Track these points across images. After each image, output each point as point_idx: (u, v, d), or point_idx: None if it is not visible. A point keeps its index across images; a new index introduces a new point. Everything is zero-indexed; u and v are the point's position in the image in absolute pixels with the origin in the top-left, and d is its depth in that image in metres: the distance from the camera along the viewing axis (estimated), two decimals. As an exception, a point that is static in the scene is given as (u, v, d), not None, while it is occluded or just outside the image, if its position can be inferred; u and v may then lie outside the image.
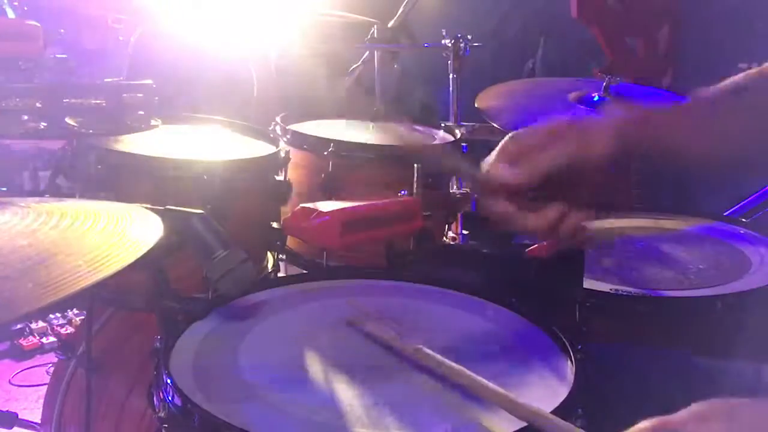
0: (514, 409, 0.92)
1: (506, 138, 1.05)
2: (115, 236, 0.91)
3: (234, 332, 1.13)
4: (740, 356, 1.24)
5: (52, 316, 3.22)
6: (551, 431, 0.88)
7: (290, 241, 1.77)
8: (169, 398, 0.96)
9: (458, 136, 1.96)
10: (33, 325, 3.15)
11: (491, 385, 0.96)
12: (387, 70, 2.69)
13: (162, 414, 0.97)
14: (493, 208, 1.04)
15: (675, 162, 1.11)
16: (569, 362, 1.07)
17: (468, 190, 1.87)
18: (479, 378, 0.97)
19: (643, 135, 1.04)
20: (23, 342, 3.08)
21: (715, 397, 0.83)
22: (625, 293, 1.45)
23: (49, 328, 3.16)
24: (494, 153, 1.04)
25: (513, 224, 1.03)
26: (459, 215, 2.06)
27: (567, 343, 1.10)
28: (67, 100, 1.35)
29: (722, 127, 1.09)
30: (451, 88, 2.37)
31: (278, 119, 1.93)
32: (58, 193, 1.58)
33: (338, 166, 1.77)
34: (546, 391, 1.00)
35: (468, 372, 0.99)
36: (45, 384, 1.84)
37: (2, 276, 0.76)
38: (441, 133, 2.05)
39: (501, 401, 0.94)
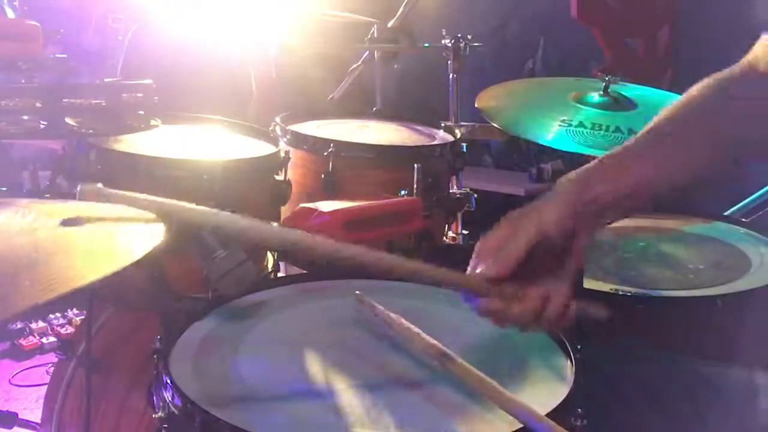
0: (512, 408, 0.92)
1: (477, 243, 1.10)
2: (115, 236, 0.91)
3: (234, 332, 1.13)
4: (740, 356, 1.24)
5: (52, 316, 3.21)
6: None
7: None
8: (169, 398, 0.96)
9: (458, 136, 1.96)
10: (33, 325, 3.15)
11: (493, 383, 0.96)
12: (387, 70, 2.69)
13: (162, 414, 0.97)
14: (487, 307, 1.07)
15: (645, 201, 1.14)
16: (569, 362, 1.07)
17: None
18: (482, 375, 0.97)
19: (594, 198, 1.08)
20: (23, 342, 3.08)
21: (715, 398, 0.83)
22: (625, 293, 1.45)
23: (49, 328, 3.16)
24: (471, 261, 1.09)
25: (506, 319, 1.07)
26: (459, 215, 2.06)
27: (567, 343, 1.10)
28: (67, 100, 1.35)
29: (682, 150, 1.12)
30: (451, 88, 2.37)
31: (278, 119, 1.93)
32: (58, 193, 1.57)
33: (338, 166, 1.77)
34: (546, 391, 1.00)
35: (472, 368, 0.99)
36: (45, 384, 1.84)
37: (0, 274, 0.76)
38: (441, 133, 2.05)
39: (501, 401, 0.94)
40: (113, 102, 1.41)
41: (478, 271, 1.06)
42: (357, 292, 1.20)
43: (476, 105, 2.12)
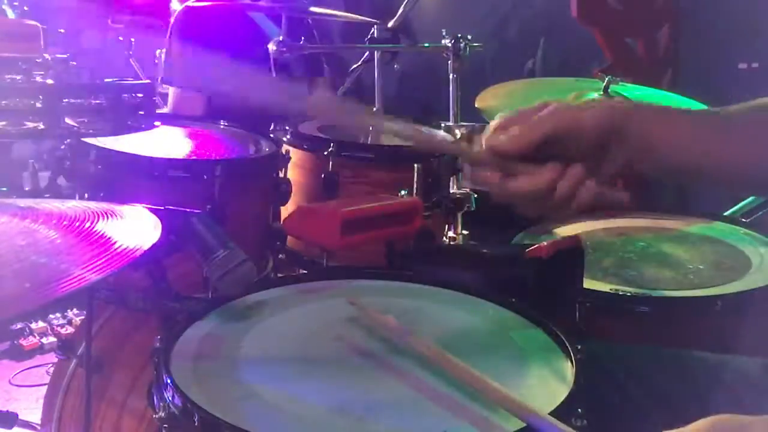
0: (515, 408, 0.92)
1: (500, 114, 1.07)
2: (115, 236, 0.91)
3: (234, 332, 1.13)
4: (740, 356, 1.24)
5: (52, 316, 3.21)
6: None
7: (290, 241, 1.77)
8: (169, 398, 0.96)
9: (458, 136, 1.96)
10: (33, 325, 3.15)
11: (494, 383, 0.96)
12: (387, 70, 2.69)
13: (162, 414, 0.96)
14: (489, 179, 1.05)
15: (665, 168, 1.12)
16: (569, 362, 1.07)
17: (467, 184, 1.87)
18: (482, 376, 0.97)
19: (636, 126, 1.05)
20: (23, 342, 3.08)
21: (715, 397, 0.83)
22: (625, 293, 1.45)
23: (49, 328, 3.16)
24: (490, 127, 1.06)
25: (510, 191, 1.04)
26: (459, 215, 2.06)
27: (567, 343, 1.10)
28: (67, 100, 1.35)
29: (733, 142, 1.10)
30: (451, 88, 2.37)
31: (278, 119, 1.93)
32: (58, 193, 1.58)
33: (338, 166, 1.77)
34: (546, 391, 1.00)
35: (471, 369, 0.99)
36: (45, 384, 1.84)
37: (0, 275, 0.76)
38: (441, 133, 2.05)
39: (503, 401, 0.94)
40: (113, 102, 1.42)
41: (489, 141, 1.03)
42: (351, 302, 1.19)
43: (476, 105, 2.13)
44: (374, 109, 2.47)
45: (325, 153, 1.77)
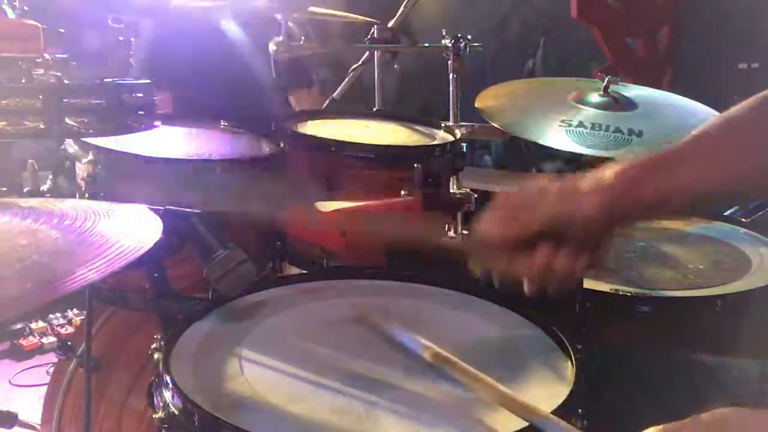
0: (516, 408, 0.92)
1: (497, 199, 1.11)
2: (115, 236, 0.91)
3: (234, 332, 1.13)
4: (740, 356, 1.24)
5: (52, 316, 3.22)
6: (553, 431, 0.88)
7: (290, 241, 1.77)
8: (169, 398, 0.96)
9: (458, 136, 1.96)
10: (33, 325, 3.15)
11: (494, 383, 0.96)
12: (387, 70, 2.69)
13: (162, 414, 0.97)
14: (488, 263, 1.10)
15: (681, 207, 1.15)
16: (569, 362, 1.07)
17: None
18: (482, 375, 0.97)
19: (633, 196, 1.08)
20: (23, 342, 3.08)
21: (715, 397, 0.83)
22: (625, 293, 1.45)
23: (49, 328, 3.16)
24: (487, 214, 1.09)
25: (509, 276, 1.09)
26: (459, 215, 2.06)
27: (567, 343, 1.10)
28: (67, 100, 1.35)
29: (727, 162, 1.11)
30: (451, 88, 2.37)
31: (278, 119, 1.93)
32: (58, 193, 1.58)
33: (338, 166, 1.77)
34: (546, 391, 1.00)
35: (471, 368, 0.99)
36: (45, 384, 1.83)
37: (1, 276, 0.76)
38: (441, 133, 2.05)
39: (503, 401, 0.94)
40: (113, 102, 1.41)
41: (493, 230, 1.07)
42: (355, 309, 1.19)
43: (476, 105, 2.12)
44: (374, 109, 2.47)
45: (325, 153, 1.77)
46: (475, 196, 1.95)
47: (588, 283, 1.41)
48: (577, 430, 0.88)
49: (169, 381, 0.97)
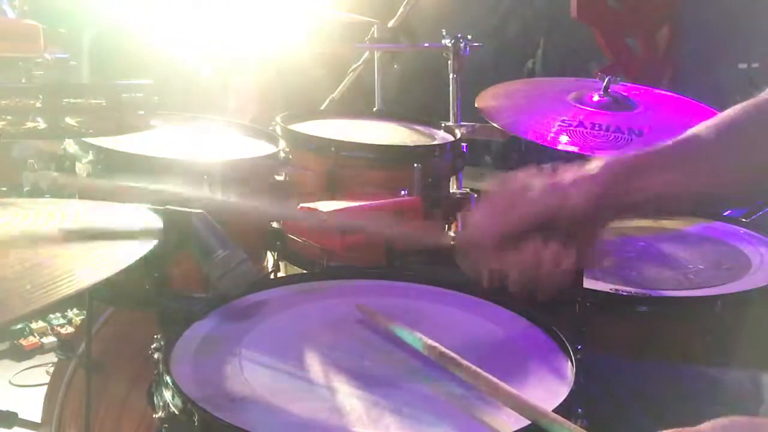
0: (518, 407, 0.92)
1: (486, 193, 1.11)
2: (115, 236, 0.91)
3: (234, 332, 1.13)
4: (740, 356, 1.24)
5: (52, 316, 3.21)
6: (556, 430, 0.88)
7: (290, 241, 1.77)
8: (169, 398, 0.96)
9: (458, 136, 1.96)
10: (33, 325, 3.15)
11: (496, 381, 0.96)
12: (387, 70, 2.69)
13: (162, 414, 0.97)
14: (477, 261, 1.10)
15: (668, 207, 1.15)
16: (569, 362, 1.07)
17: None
18: (484, 373, 0.97)
19: (618, 192, 1.08)
20: (23, 342, 3.08)
21: (715, 396, 0.83)
22: (625, 293, 1.45)
23: (49, 328, 3.16)
24: (475, 208, 1.10)
25: (498, 273, 1.09)
26: (459, 215, 2.06)
27: (567, 343, 1.10)
28: (67, 100, 1.35)
29: (713, 166, 1.11)
30: (451, 88, 2.37)
31: (278, 119, 1.93)
32: (58, 193, 1.57)
33: (338, 166, 1.77)
34: (546, 391, 1.00)
35: (474, 367, 0.99)
36: (45, 384, 1.83)
37: (0, 276, 0.76)
38: (441, 133, 2.05)
39: (506, 399, 0.94)
40: (113, 102, 1.41)
41: (482, 225, 1.07)
42: (356, 304, 1.19)
43: (476, 105, 2.12)
44: (374, 109, 2.47)
45: (325, 153, 1.77)
46: (475, 196, 1.96)
47: (588, 283, 1.41)
48: (580, 429, 0.88)
49: (169, 381, 0.97)
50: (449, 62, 2.36)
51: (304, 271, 1.73)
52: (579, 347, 1.08)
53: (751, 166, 1.12)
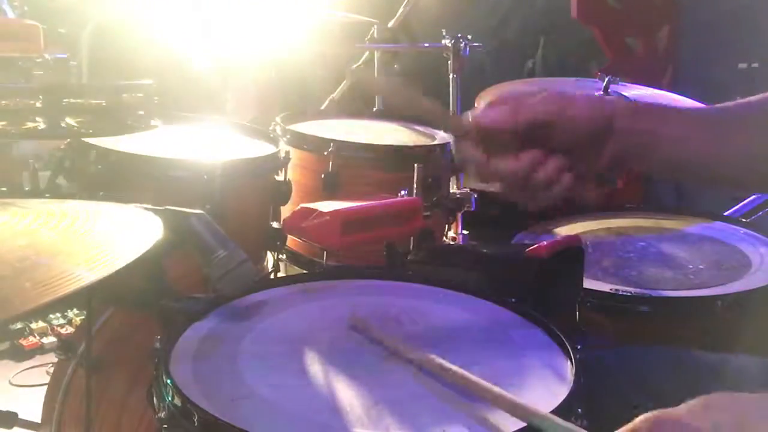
0: (514, 409, 0.92)
1: (495, 87, 1.09)
2: (115, 236, 0.91)
3: (234, 332, 1.13)
4: (740, 356, 1.24)
5: (52, 316, 3.21)
6: (552, 431, 0.88)
7: (290, 241, 1.77)
8: (169, 398, 0.96)
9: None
10: (33, 325, 3.15)
11: (491, 386, 0.96)
12: (387, 70, 2.69)
13: (162, 414, 0.96)
14: (470, 155, 1.06)
15: (669, 167, 1.12)
16: (569, 362, 1.07)
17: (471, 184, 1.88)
18: (479, 380, 0.97)
19: (628, 123, 1.05)
20: (23, 342, 3.08)
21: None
22: (625, 293, 1.45)
23: (49, 328, 3.16)
24: (482, 103, 1.08)
25: (489, 170, 1.05)
26: (459, 215, 2.06)
27: (567, 343, 1.10)
28: (67, 100, 1.35)
29: (731, 140, 1.09)
30: (451, 88, 2.37)
31: (278, 119, 1.93)
32: (58, 193, 1.58)
33: (338, 166, 1.77)
34: (546, 391, 1.00)
35: (468, 374, 0.99)
36: (45, 384, 1.83)
37: (0, 276, 0.76)
38: (441, 133, 2.05)
39: (501, 402, 0.94)
40: (113, 102, 1.41)
41: (477, 116, 1.04)
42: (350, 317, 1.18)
43: (476, 105, 2.12)
44: (374, 109, 2.47)
45: (325, 153, 1.77)
46: (475, 196, 1.96)
47: (588, 283, 1.42)
48: (579, 428, 0.88)
49: (169, 381, 0.97)
50: (449, 62, 2.36)
51: (304, 271, 1.73)
52: (579, 347, 1.08)
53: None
